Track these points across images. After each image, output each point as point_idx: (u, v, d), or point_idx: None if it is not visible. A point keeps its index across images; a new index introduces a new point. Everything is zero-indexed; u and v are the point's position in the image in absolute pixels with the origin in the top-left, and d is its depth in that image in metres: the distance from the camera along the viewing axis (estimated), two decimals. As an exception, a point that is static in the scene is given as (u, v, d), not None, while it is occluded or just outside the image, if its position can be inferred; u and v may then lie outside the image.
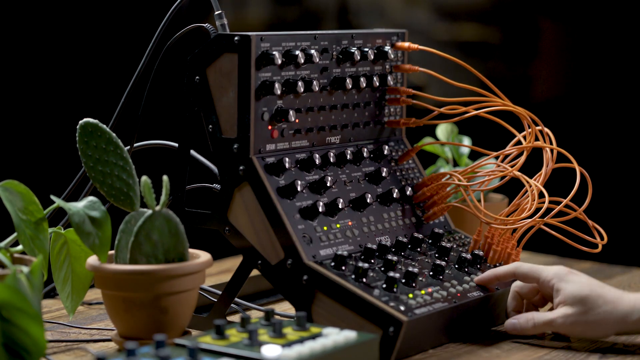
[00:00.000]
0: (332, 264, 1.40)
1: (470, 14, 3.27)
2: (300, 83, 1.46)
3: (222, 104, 1.43)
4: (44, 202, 1.35)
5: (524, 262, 1.47)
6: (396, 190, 1.54)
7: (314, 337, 1.22)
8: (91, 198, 1.35)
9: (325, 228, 1.44)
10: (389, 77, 1.60)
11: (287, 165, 1.44)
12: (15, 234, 1.31)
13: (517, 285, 1.48)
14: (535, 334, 1.45)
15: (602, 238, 1.54)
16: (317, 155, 1.48)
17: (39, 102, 2.78)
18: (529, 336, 1.46)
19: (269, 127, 1.44)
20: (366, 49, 1.56)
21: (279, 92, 1.43)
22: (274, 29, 3.07)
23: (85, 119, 1.37)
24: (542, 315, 1.43)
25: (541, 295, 1.47)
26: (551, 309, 1.44)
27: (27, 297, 1.10)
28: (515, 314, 1.48)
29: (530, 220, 1.53)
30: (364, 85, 1.55)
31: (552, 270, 1.43)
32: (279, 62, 1.43)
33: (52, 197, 1.35)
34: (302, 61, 1.45)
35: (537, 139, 1.58)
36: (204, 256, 1.37)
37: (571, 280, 1.41)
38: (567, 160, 1.57)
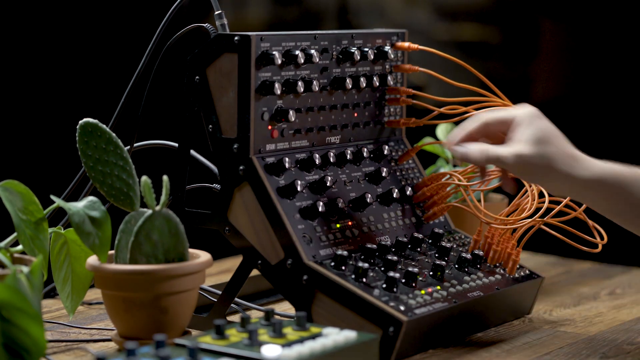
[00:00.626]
0: (332, 264, 1.40)
1: (470, 14, 3.27)
2: (300, 83, 1.46)
3: (222, 104, 1.43)
4: (44, 202, 1.35)
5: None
6: (396, 190, 1.54)
7: (314, 337, 1.22)
8: (91, 198, 1.35)
9: (325, 228, 1.44)
10: (389, 77, 1.60)
11: (287, 165, 1.44)
12: (15, 234, 1.31)
13: (486, 117, 1.41)
14: (481, 165, 1.41)
15: (602, 238, 1.54)
16: (317, 155, 1.48)
17: (39, 102, 2.78)
18: (527, 336, 1.46)
19: (269, 127, 1.44)
20: (366, 49, 1.56)
21: (279, 92, 1.43)
22: (274, 29, 3.07)
23: (85, 119, 1.37)
24: (495, 149, 1.38)
25: (499, 135, 1.42)
26: None
27: (27, 297, 1.09)
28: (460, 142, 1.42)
29: (530, 220, 1.53)
30: (364, 85, 1.55)
31: (519, 109, 1.40)
32: (279, 62, 1.43)
33: (52, 197, 1.35)
34: (302, 61, 1.45)
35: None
36: (204, 256, 1.37)
37: (536, 119, 1.38)
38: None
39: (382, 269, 1.42)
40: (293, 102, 1.47)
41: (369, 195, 1.50)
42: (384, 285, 1.38)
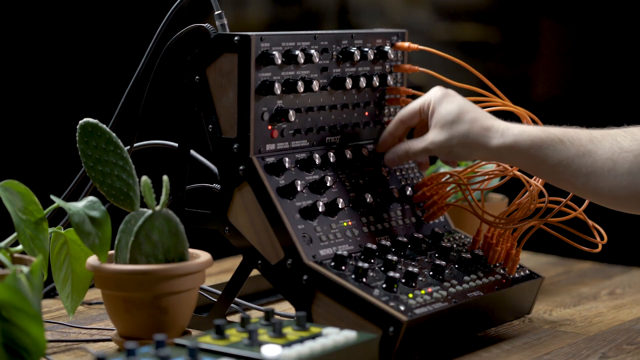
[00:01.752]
0: (332, 264, 1.40)
1: (470, 14, 3.27)
2: (300, 83, 1.46)
3: (222, 104, 1.43)
4: (44, 202, 1.35)
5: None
6: (396, 190, 1.54)
7: (314, 337, 1.22)
8: (91, 198, 1.35)
9: (325, 228, 1.44)
10: (389, 77, 1.60)
11: (287, 165, 1.44)
12: (15, 234, 1.31)
13: (400, 114, 1.51)
14: (413, 160, 1.52)
15: (602, 238, 1.54)
16: (317, 155, 1.48)
17: (39, 102, 2.78)
18: (527, 336, 1.46)
19: (269, 127, 1.44)
20: (366, 49, 1.56)
21: (279, 92, 1.43)
22: (274, 29, 3.07)
23: (85, 119, 1.37)
24: (416, 142, 1.49)
25: (423, 124, 1.51)
26: None
27: (27, 297, 1.10)
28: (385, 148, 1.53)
29: (530, 220, 1.53)
30: (364, 85, 1.56)
31: (428, 95, 1.48)
32: (279, 62, 1.43)
33: (52, 197, 1.35)
34: (302, 61, 1.45)
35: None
36: (204, 256, 1.37)
37: (444, 102, 1.46)
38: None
39: (382, 269, 1.42)
40: (293, 102, 1.47)
41: (369, 195, 1.50)
42: (384, 285, 1.38)
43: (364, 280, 1.38)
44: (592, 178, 1.40)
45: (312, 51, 1.47)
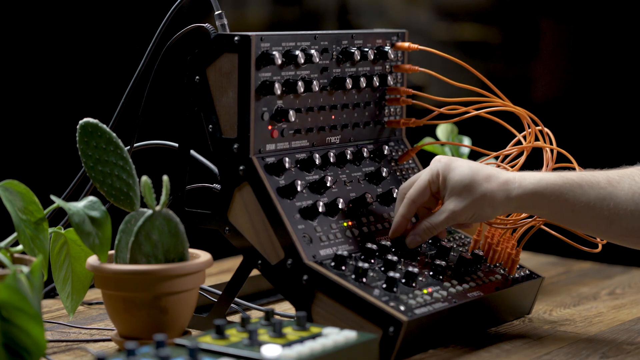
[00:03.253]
0: (332, 264, 1.40)
1: (470, 14, 3.27)
2: (300, 83, 1.46)
3: (222, 104, 1.43)
4: (44, 202, 1.35)
5: (402, 187, 1.49)
6: (396, 190, 1.54)
7: (314, 337, 1.22)
8: (91, 198, 1.35)
9: (325, 228, 1.44)
10: (389, 77, 1.60)
11: (287, 165, 1.44)
12: (15, 234, 1.31)
13: (410, 196, 1.47)
14: (437, 234, 1.48)
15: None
16: (317, 155, 1.48)
17: (39, 102, 2.78)
18: (527, 336, 1.46)
19: (269, 127, 1.44)
20: (366, 49, 1.56)
21: (279, 92, 1.43)
22: (274, 29, 3.07)
23: (85, 119, 1.37)
24: (436, 217, 1.46)
25: (431, 196, 1.48)
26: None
27: (27, 297, 1.10)
28: (402, 229, 1.49)
29: (530, 220, 1.53)
30: (364, 85, 1.56)
31: (433, 167, 1.46)
32: (279, 62, 1.43)
33: (52, 197, 1.34)
34: (302, 61, 1.45)
35: (537, 139, 1.58)
36: (204, 256, 1.37)
37: (453, 169, 1.44)
38: (567, 160, 1.57)
39: (382, 269, 1.42)
40: (293, 102, 1.47)
41: (369, 195, 1.50)
42: (384, 285, 1.38)
43: (364, 280, 1.38)
44: (615, 221, 1.41)
45: (312, 51, 1.47)
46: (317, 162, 1.48)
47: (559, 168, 1.56)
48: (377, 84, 1.58)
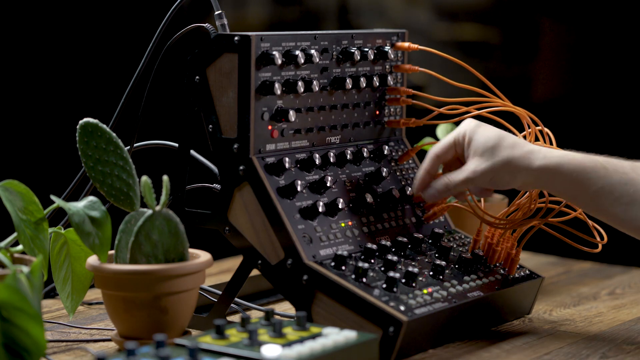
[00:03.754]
0: (332, 264, 1.40)
1: (470, 14, 3.27)
2: (300, 83, 1.46)
3: (222, 104, 1.43)
4: (44, 202, 1.35)
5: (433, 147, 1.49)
6: (396, 190, 1.54)
7: (314, 337, 1.22)
8: (91, 198, 1.35)
9: (325, 228, 1.44)
10: (389, 77, 1.60)
11: (287, 165, 1.44)
12: (15, 234, 1.31)
13: (434, 150, 1.48)
14: (454, 194, 1.47)
15: (602, 238, 1.54)
16: (317, 155, 1.48)
17: (39, 102, 2.78)
18: (527, 336, 1.46)
19: (269, 127, 1.44)
20: (366, 49, 1.56)
21: (279, 92, 1.43)
22: (274, 29, 3.07)
23: (85, 119, 1.37)
24: (456, 174, 1.45)
25: (456, 158, 1.48)
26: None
27: (27, 297, 1.10)
28: (422, 186, 1.49)
29: (530, 220, 1.53)
30: (364, 85, 1.56)
31: (461, 127, 1.46)
32: (279, 62, 1.43)
33: (52, 197, 1.35)
34: (302, 61, 1.45)
35: (537, 139, 1.58)
36: (204, 256, 1.37)
37: (480, 132, 1.44)
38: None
39: (382, 269, 1.42)
40: (293, 102, 1.47)
41: (369, 195, 1.50)
42: (384, 285, 1.38)
43: (364, 280, 1.38)
44: (632, 207, 1.39)
45: (312, 51, 1.47)
46: (317, 162, 1.48)
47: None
48: (377, 84, 1.58)
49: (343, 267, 1.39)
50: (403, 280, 1.41)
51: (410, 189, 1.57)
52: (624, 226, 1.43)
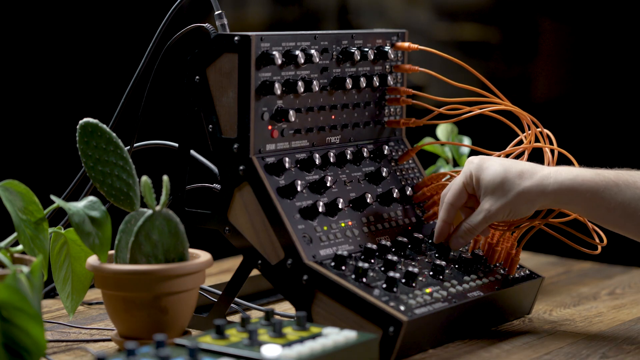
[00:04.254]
0: (332, 264, 1.40)
1: (470, 14, 3.27)
2: (300, 83, 1.46)
3: (222, 104, 1.43)
4: (44, 202, 1.35)
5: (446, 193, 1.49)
6: (396, 190, 1.54)
7: (314, 337, 1.22)
8: (91, 198, 1.35)
9: (325, 228, 1.44)
10: (389, 77, 1.60)
11: (287, 165, 1.44)
12: (15, 234, 1.31)
13: (448, 200, 1.48)
14: (478, 234, 1.48)
15: (601, 240, 1.54)
16: (317, 155, 1.48)
17: (39, 102, 2.78)
18: (527, 336, 1.46)
19: (269, 127, 1.44)
20: (366, 49, 1.56)
21: (279, 92, 1.43)
22: (274, 29, 3.07)
23: (85, 119, 1.37)
24: (473, 218, 1.46)
25: (469, 196, 1.48)
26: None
27: (27, 297, 1.10)
28: (443, 233, 1.49)
29: (530, 221, 1.53)
30: (364, 85, 1.55)
31: (466, 169, 1.47)
32: (279, 62, 1.43)
33: (52, 197, 1.35)
34: (302, 61, 1.45)
35: (537, 140, 1.58)
36: (204, 256, 1.37)
37: (485, 169, 1.45)
38: (567, 160, 1.57)
39: (382, 269, 1.42)
40: (293, 102, 1.47)
41: (369, 195, 1.50)
42: (384, 285, 1.38)
43: (364, 280, 1.38)
44: None
45: (312, 51, 1.47)
46: (317, 162, 1.48)
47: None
48: (377, 84, 1.58)
49: (343, 267, 1.39)
50: (403, 280, 1.41)
51: (410, 189, 1.57)
52: None
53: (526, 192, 1.42)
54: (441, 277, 1.45)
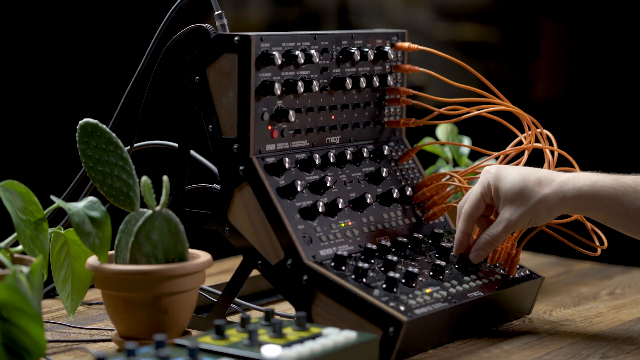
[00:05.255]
0: (332, 264, 1.40)
1: (470, 14, 3.27)
2: (300, 83, 1.46)
3: (222, 104, 1.43)
4: (44, 202, 1.35)
5: (459, 206, 1.49)
6: (396, 191, 1.54)
7: (314, 337, 1.22)
8: (91, 198, 1.35)
9: (325, 228, 1.44)
10: (389, 77, 1.60)
11: (287, 165, 1.44)
12: (15, 234, 1.31)
13: (466, 210, 1.47)
14: (499, 245, 1.48)
15: (601, 242, 1.54)
16: (317, 155, 1.48)
17: (39, 102, 2.78)
18: (527, 336, 1.47)
19: (269, 127, 1.44)
20: (366, 49, 1.56)
21: (278, 92, 1.43)
22: (274, 29, 3.07)
23: (85, 119, 1.37)
24: (493, 229, 1.46)
25: (487, 206, 1.48)
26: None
27: (27, 297, 1.10)
28: (462, 244, 1.48)
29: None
30: (364, 85, 1.55)
31: (484, 178, 1.46)
32: (279, 62, 1.43)
33: (52, 197, 1.35)
34: (302, 61, 1.45)
35: (537, 141, 1.58)
36: (204, 256, 1.37)
37: (503, 178, 1.44)
38: (567, 161, 1.57)
39: (382, 269, 1.42)
40: (293, 103, 1.47)
41: (369, 195, 1.50)
42: (384, 286, 1.38)
43: (364, 280, 1.38)
44: None
45: (312, 51, 1.47)
46: (317, 162, 1.48)
47: (561, 171, 1.56)
48: (377, 84, 1.58)
49: (343, 267, 1.39)
50: (403, 281, 1.41)
51: (410, 189, 1.57)
52: None
53: (546, 199, 1.42)
54: (441, 277, 1.45)
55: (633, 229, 1.44)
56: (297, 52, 1.45)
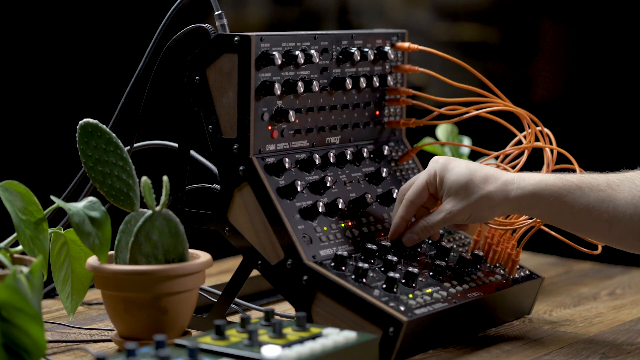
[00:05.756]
0: (332, 264, 1.40)
1: (470, 14, 3.27)
2: (300, 83, 1.46)
3: (222, 104, 1.43)
4: (44, 202, 1.35)
5: (402, 188, 1.48)
6: (396, 191, 1.54)
7: (314, 337, 1.22)
8: (91, 198, 1.35)
9: (325, 228, 1.44)
10: (389, 78, 1.60)
11: (287, 165, 1.44)
12: (15, 234, 1.31)
13: (409, 196, 1.47)
14: (433, 234, 1.48)
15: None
16: (317, 156, 1.48)
17: (39, 102, 2.78)
18: (527, 336, 1.47)
19: (269, 127, 1.44)
20: (366, 49, 1.56)
21: (278, 92, 1.43)
22: (274, 29, 3.07)
23: (85, 119, 1.37)
24: (433, 216, 1.45)
25: (430, 196, 1.47)
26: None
27: (27, 297, 1.10)
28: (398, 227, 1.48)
29: (530, 220, 1.53)
30: (364, 85, 1.56)
31: (431, 168, 1.45)
32: (279, 62, 1.43)
33: (52, 197, 1.35)
34: (302, 61, 1.45)
35: (537, 140, 1.58)
36: (204, 256, 1.37)
37: (450, 170, 1.44)
38: (567, 160, 1.57)
39: (382, 269, 1.42)
40: (293, 103, 1.47)
41: (369, 196, 1.50)
42: (384, 286, 1.38)
43: (364, 280, 1.38)
44: (614, 224, 1.39)
45: (312, 51, 1.47)
46: (317, 162, 1.48)
47: (560, 169, 1.56)
48: (377, 84, 1.58)
49: (343, 268, 1.39)
50: (403, 281, 1.41)
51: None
52: (607, 241, 1.45)
53: (489, 196, 1.42)
54: (441, 277, 1.45)
55: (579, 227, 1.43)
56: (297, 52, 1.45)
